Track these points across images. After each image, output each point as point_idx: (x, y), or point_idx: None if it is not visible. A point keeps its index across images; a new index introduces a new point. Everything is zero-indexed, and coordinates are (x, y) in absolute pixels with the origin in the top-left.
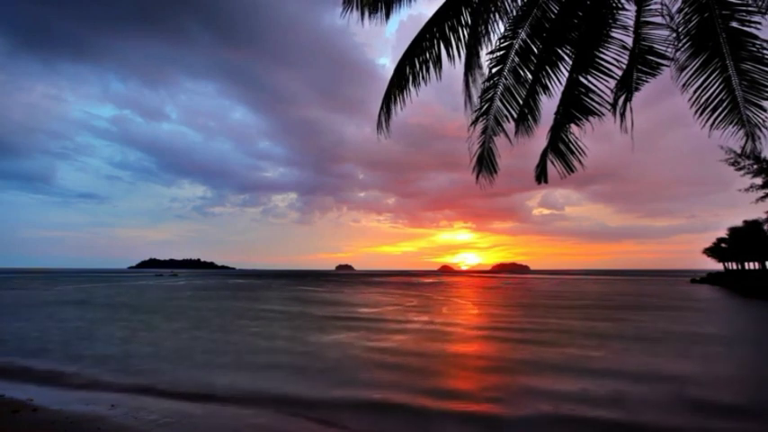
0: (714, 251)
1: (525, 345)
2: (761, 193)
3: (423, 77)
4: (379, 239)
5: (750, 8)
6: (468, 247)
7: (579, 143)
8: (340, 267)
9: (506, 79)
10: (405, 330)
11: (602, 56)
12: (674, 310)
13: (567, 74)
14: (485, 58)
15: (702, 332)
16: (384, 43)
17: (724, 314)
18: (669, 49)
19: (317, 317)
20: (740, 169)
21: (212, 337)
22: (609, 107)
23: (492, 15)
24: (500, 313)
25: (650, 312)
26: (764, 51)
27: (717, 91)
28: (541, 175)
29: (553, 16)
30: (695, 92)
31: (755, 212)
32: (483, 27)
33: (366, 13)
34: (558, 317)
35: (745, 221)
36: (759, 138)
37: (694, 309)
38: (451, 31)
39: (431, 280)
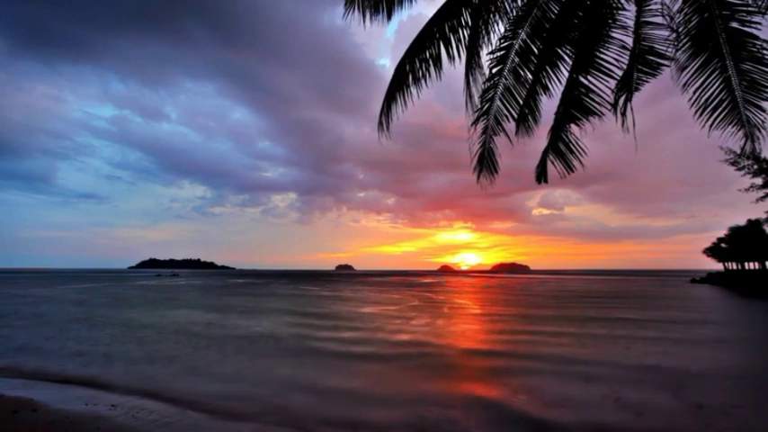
0: (714, 251)
1: (521, 376)
2: (761, 192)
3: (423, 77)
4: (379, 239)
5: (750, 8)
6: (468, 247)
7: (579, 143)
8: (340, 267)
9: (506, 79)
10: (382, 357)
11: (602, 56)
12: (680, 323)
13: (567, 74)
14: (485, 58)
15: (710, 358)
16: (384, 44)
17: (729, 323)
18: (669, 49)
19: (288, 336)
20: (740, 169)
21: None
22: (609, 107)
23: (492, 16)
24: (493, 328)
25: (653, 324)
26: (764, 52)
27: (717, 91)
28: (541, 175)
29: (553, 16)
30: (695, 92)
31: (756, 212)
32: (483, 27)
33: (368, 14)
34: (556, 327)
35: (749, 221)
36: (758, 138)
37: (699, 321)
38: (452, 32)
39: (430, 280)
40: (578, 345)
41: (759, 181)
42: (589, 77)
